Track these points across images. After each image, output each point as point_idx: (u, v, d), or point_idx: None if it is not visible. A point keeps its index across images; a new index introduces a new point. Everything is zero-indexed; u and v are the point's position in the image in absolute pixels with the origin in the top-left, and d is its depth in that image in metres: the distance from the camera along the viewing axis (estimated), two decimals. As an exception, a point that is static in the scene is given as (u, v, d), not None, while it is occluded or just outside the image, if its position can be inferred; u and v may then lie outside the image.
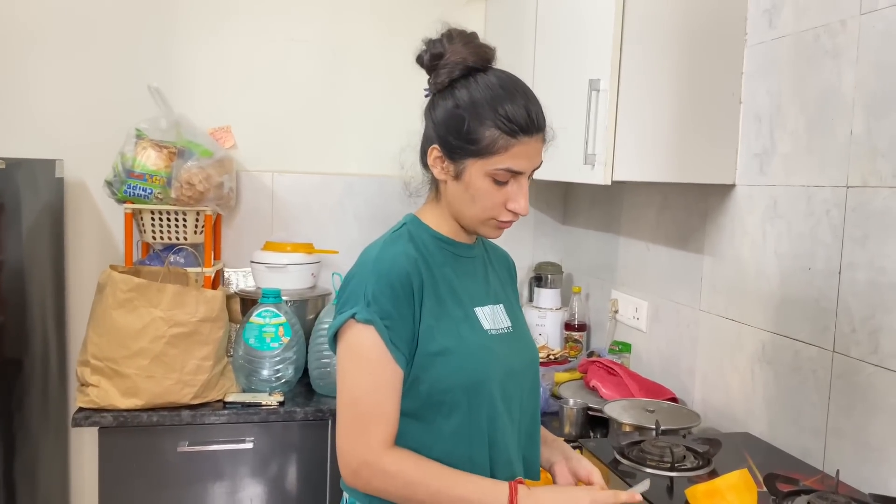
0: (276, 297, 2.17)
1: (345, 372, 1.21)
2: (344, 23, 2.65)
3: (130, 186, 2.26)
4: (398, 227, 1.31)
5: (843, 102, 1.53)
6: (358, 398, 1.19)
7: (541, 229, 2.89)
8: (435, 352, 1.20)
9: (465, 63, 1.23)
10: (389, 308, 1.18)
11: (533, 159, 1.23)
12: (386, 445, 1.18)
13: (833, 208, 1.55)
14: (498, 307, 1.35)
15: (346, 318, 1.20)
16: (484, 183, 1.21)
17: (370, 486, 1.19)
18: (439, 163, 1.25)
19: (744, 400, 1.82)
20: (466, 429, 1.22)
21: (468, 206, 1.24)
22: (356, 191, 2.70)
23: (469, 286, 1.31)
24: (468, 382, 1.21)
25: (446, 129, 1.22)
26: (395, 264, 1.21)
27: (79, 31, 2.46)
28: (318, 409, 2.06)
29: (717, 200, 1.93)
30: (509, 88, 1.22)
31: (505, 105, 1.19)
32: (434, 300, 1.23)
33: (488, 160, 1.19)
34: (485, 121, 1.18)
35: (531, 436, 1.35)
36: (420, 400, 1.21)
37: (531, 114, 1.20)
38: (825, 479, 1.46)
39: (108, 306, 1.95)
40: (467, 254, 1.33)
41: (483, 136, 1.19)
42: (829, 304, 1.56)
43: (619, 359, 2.26)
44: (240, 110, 2.60)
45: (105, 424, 1.94)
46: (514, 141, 1.19)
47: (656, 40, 1.77)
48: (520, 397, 1.31)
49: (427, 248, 1.27)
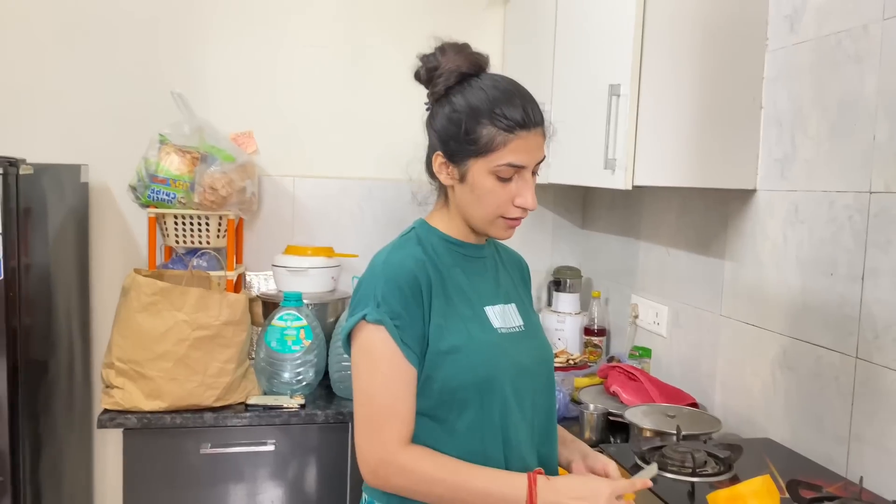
0: (298, 301, 2.19)
1: (358, 372, 1.24)
2: (362, 28, 2.68)
3: (154, 191, 2.29)
4: (407, 232, 1.35)
5: (865, 107, 1.52)
6: (372, 396, 1.21)
7: (559, 233, 2.89)
8: (445, 350, 1.22)
9: (460, 70, 1.26)
10: (399, 308, 1.20)
11: (533, 153, 1.24)
12: (403, 443, 1.20)
13: (855, 214, 1.54)
14: (509, 306, 1.36)
15: (357, 320, 1.23)
16: (488, 181, 1.23)
17: (390, 484, 1.20)
18: (444, 168, 1.28)
19: (765, 405, 1.82)
20: (479, 425, 1.24)
21: (476, 206, 1.26)
22: (375, 195, 2.72)
23: (479, 286, 1.33)
24: (479, 379, 1.23)
25: (447, 135, 1.25)
26: (402, 266, 1.24)
27: (103, 39, 2.50)
28: (338, 412, 2.07)
29: (737, 205, 1.92)
30: (503, 87, 1.25)
31: (499, 102, 1.22)
32: (443, 300, 1.25)
33: (489, 158, 1.22)
34: (481, 120, 1.22)
35: (547, 433, 1.36)
36: (433, 398, 1.23)
37: (526, 109, 1.23)
38: (848, 486, 1.45)
39: (133, 309, 1.98)
40: (477, 254, 1.35)
41: (481, 135, 1.22)
42: (851, 311, 1.55)
43: (640, 364, 2.25)
44: (261, 115, 2.63)
45: (129, 426, 1.97)
46: (511, 136, 1.21)
47: (677, 45, 1.77)
48: (532, 395, 1.32)
49: (435, 250, 1.30)
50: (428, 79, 1.30)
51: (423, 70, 1.31)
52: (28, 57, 2.46)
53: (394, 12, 2.69)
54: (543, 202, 2.87)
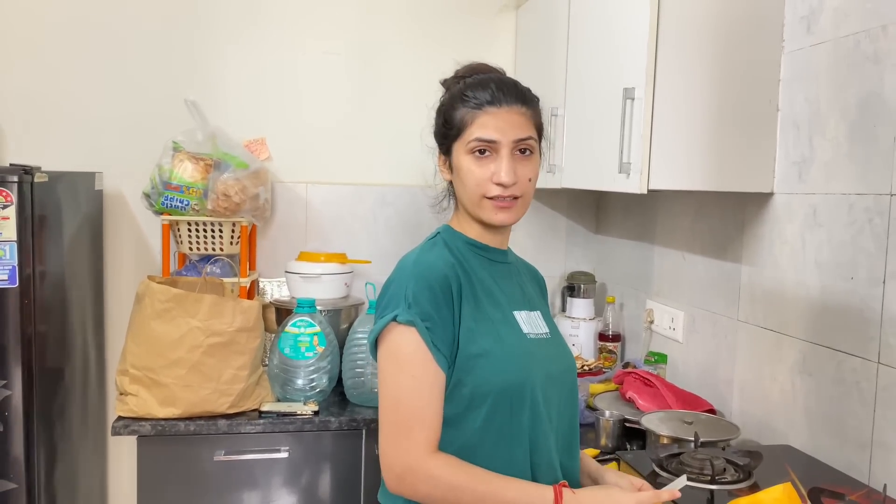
0: (311, 307, 2.19)
1: (387, 375, 1.22)
2: (375, 35, 2.68)
3: (168, 198, 2.30)
4: (433, 236, 1.35)
5: (885, 108, 1.50)
6: (400, 401, 1.19)
7: (573, 238, 2.88)
8: (476, 353, 1.21)
9: (457, 75, 1.34)
10: (430, 310, 1.19)
11: (505, 130, 1.25)
12: (431, 449, 1.18)
13: (876, 216, 1.52)
14: (535, 313, 1.35)
15: (387, 322, 1.20)
16: (466, 161, 1.26)
17: (416, 492, 1.18)
18: (444, 166, 1.34)
19: (784, 411, 1.79)
20: (508, 431, 1.22)
21: (464, 192, 1.29)
22: (388, 201, 2.72)
23: (507, 290, 1.32)
24: (510, 385, 1.22)
25: (436, 131, 1.33)
26: (433, 268, 1.23)
27: (117, 46, 2.51)
28: (352, 419, 2.06)
29: (754, 209, 1.90)
30: (479, 77, 1.31)
31: (471, 86, 1.28)
32: (472, 303, 1.24)
33: (463, 138, 1.27)
34: (456, 104, 1.28)
35: (569, 443, 1.34)
36: (463, 403, 1.21)
37: (496, 87, 1.26)
38: (871, 494, 1.43)
39: (147, 316, 1.98)
40: (502, 259, 1.36)
41: (455, 118, 1.28)
42: (873, 315, 1.53)
43: (656, 370, 2.23)
44: (274, 122, 2.63)
45: (143, 433, 1.97)
46: (479, 112, 1.25)
47: (691, 48, 1.75)
48: (558, 403, 1.31)
49: (462, 254, 1.30)
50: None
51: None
52: (42, 65, 2.48)
53: (406, 19, 2.69)
54: (557, 207, 2.85)
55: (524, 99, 1.28)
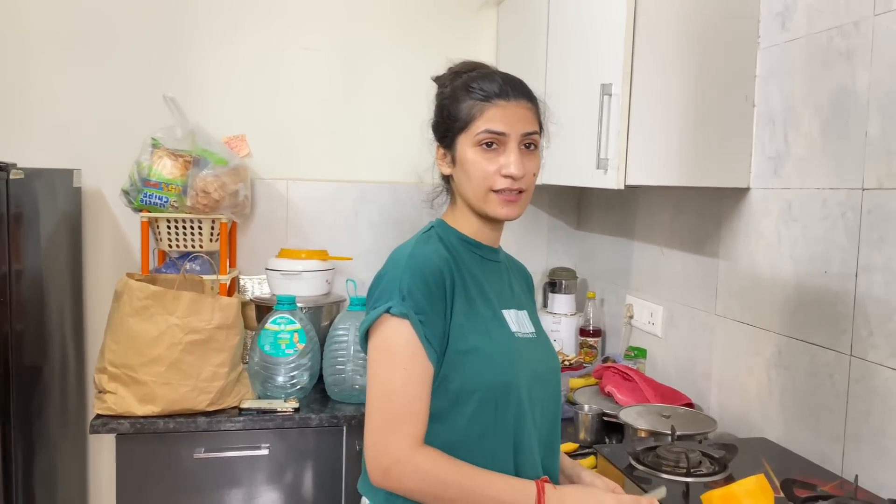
0: (291, 304, 2.18)
1: (377, 368, 1.21)
2: (356, 31, 2.67)
3: (146, 195, 2.28)
4: (427, 230, 1.35)
5: (857, 104, 1.52)
6: (391, 394, 1.18)
7: (555, 234, 2.89)
8: (465, 350, 1.21)
9: (452, 71, 1.34)
10: (424, 303, 1.19)
11: (514, 123, 1.26)
12: (418, 443, 1.18)
13: (849, 211, 1.54)
14: (522, 313, 1.36)
15: (380, 313, 1.20)
16: (472, 154, 1.26)
17: (402, 485, 1.17)
18: (443, 159, 1.33)
19: (760, 405, 1.81)
20: (492, 429, 1.22)
21: (468, 185, 1.28)
22: (369, 198, 2.72)
23: (497, 288, 1.33)
24: (497, 383, 1.22)
25: (437, 123, 1.32)
26: (428, 261, 1.23)
27: (95, 43, 2.49)
28: (332, 416, 2.06)
29: (731, 204, 1.92)
30: (483, 71, 1.31)
31: (477, 78, 1.28)
32: (464, 299, 1.24)
33: (470, 130, 1.26)
34: (460, 96, 1.28)
35: (550, 444, 1.35)
36: (448, 399, 1.21)
37: (504, 81, 1.28)
38: (844, 485, 1.45)
39: (125, 314, 1.97)
40: (493, 257, 1.36)
41: (461, 110, 1.27)
42: (845, 308, 1.54)
43: (635, 364, 2.25)
44: (254, 119, 2.62)
45: (122, 431, 1.96)
46: (488, 104, 1.25)
47: (668, 44, 1.76)
48: (542, 403, 1.32)
49: (456, 249, 1.30)
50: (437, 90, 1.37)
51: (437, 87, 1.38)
52: (20, 61, 2.46)
53: (387, 15, 2.69)
54: (538, 203, 2.86)
55: (530, 95, 1.30)
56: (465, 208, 1.32)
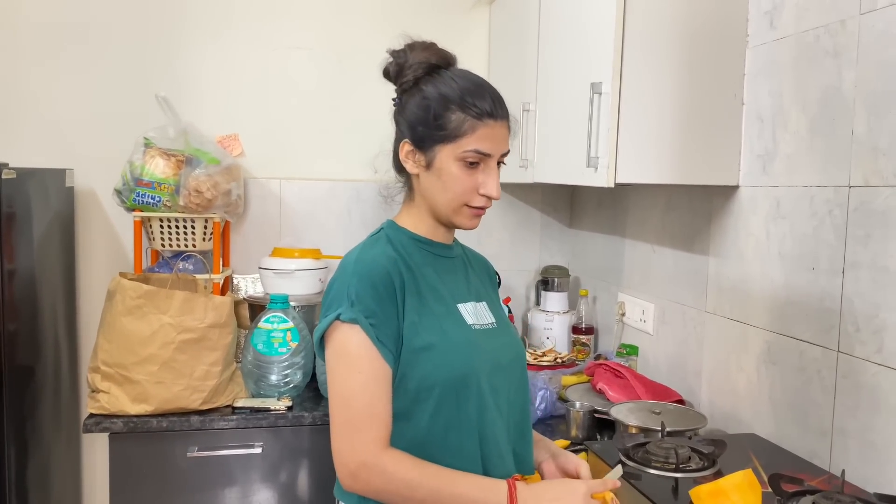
0: (284, 303, 2.19)
1: (334, 374, 1.23)
2: (348, 29, 2.68)
3: (139, 195, 2.29)
4: (376, 233, 1.36)
5: (844, 102, 1.53)
6: (350, 398, 1.20)
7: (547, 233, 2.90)
8: (419, 347, 1.23)
9: (429, 62, 1.30)
10: (373, 306, 1.20)
11: (499, 144, 1.27)
12: (383, 445, 1.19)
13: (836, 208, 1.55)
14: (480, 304, 1.37)
15: (331, 321, 1.22)
16: (454, 167, 1.25)
17: (370, 487, 1.19)
18: (411, 157, 1.30)
19: (750, 401, 1.82)
20: (456, 423, 1.24)
21: (441, 194, 1.28)
22: (363, 197, 2.72)
23: (450, 284, 1.34)
24: (455, 376, 1.23)
25: (415, 121, 1.28)
26: (375, 264, 1.24)
27: (88, 43, 2.50)
28: (325, 414, 2.04)
29: (720, 202, 1.93)
30: (472, 79, 1.30)
31: (469, 91, 1.26)
32: (416, 297, 1.25)
33: (457, 144, 1.24)
34: (451, 106, 1.25)
35: (521, 431, 1.37)
36: (409, 397, 1.23)
37: (494, 99, 1.27)
38: (831, 480, 1.46)
39: (118, 313, 1.97)
40: (446, 253, 1.37)
41: (450, 121, 1.24)
42: (833, 304, 1.56)
43: (627, 361, 2.26)
44: (247, 118, 2.63)
45: (116, 430, 1.96)
46: (479, 123, 1.24)
47: (657, 43, 1.77)
48: (507, 391, 1.33)
49: (406, 249, 1.31)
50: (397, 73, 1.34)
51: (393, 65, 1.34)
52: (12, 61, 2.46)
53: (379, 14, 2.69)
54: (531, 202, 2.87)
55: (508, 113, 1.30)
56: (424, 210, 1.32)
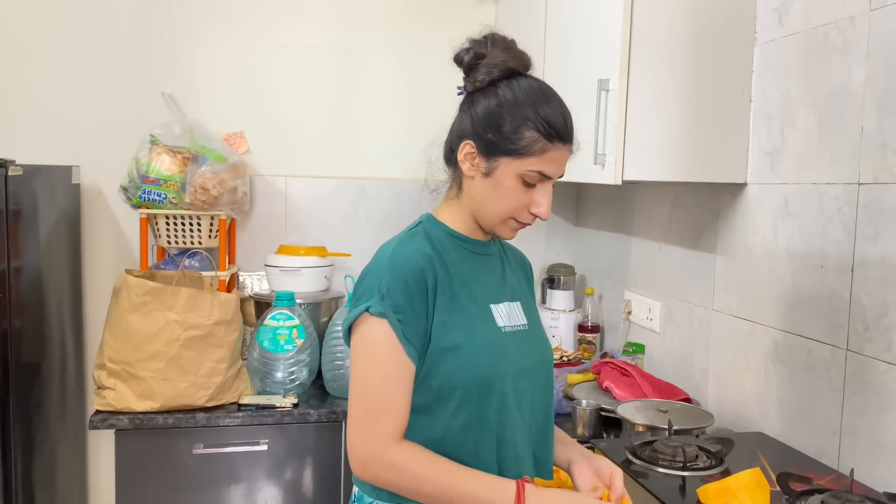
0: (290, 300, 2.19)
1: (357, 364, 1.23)
2: (354, 27, 2.67)
3: (145, 192, 2.29)
4: (414, 226, 1.34)
5: (853, 99, 1.52)
6: (368, 390, 1.20)
7: (553, 230, 2.89)
8: (446, 347, 1.22)
9: (507, 65, 1.26)
10: (403, 303, 1.20)
11: (562, 167, 1.26)
12: (395, 438, 1.19)
13: (845, 206, 1.54)
14: (515, 304, 1.36)
15: (360, 312, 1.22)
16: (513, 183, 1.24)
17: (378, 479, 1.20)
18: (470, 158, 1.26)
19: (757, 399, 1.81)
20: (475, 424, 1.23)
21: (492, 204, 1.26)
22: (368, 194, 2.72)
23: (486, 283, 1.32)
24: (478, 379, 1.22)
25: (486, 126, 1.24)
26: (409, 261, 1.23)
27: (94, 40, 2.50)
28: (331, 411, 2.07)
29: (728, 199, 1.92)
30: (549, 95, 1.26)
31: (546, 109, 1.22)
32: (448, 296, 1.24)
33: (523, 161, 1.22)
34: (526, 122, 1.21)
35: (543, 435, 1.35)
36: (431, 394, 1.23)
37: (567, 122, 1.25)
38: (840, 479, 1.45)
39: (124, 310, 1.97)
40: (484, 251, 1.35)
41: (523, 137, 1.21)
42: (841, 303, 1.55)
43: (633, 360, 2.25)
44: (253, 115, 2.62)
45: (121, 427, 1.96)
46: (550, 145, 1.22)
47: (665, 40, 1.76)
48: (532, 395, 1.32)
49: (443, 245, 1.29)
50: (471, 65, 1.28)
51: (470, 55, 1.28)
52: (18, 58, 2.46)
53: (385, 11, 2.69)
54: (537, 199, 2.86)
55: (574, 135, 1.28)
56: (467, 210, 1.31)
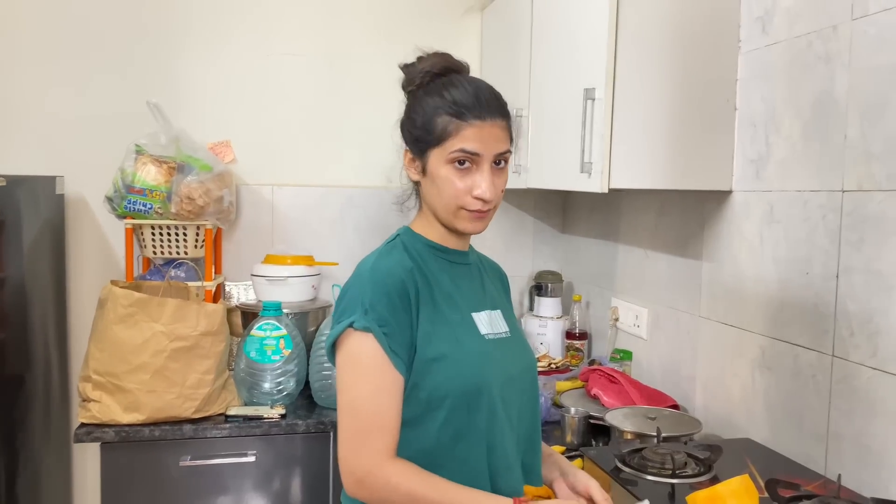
0: (277, 310, 2.18)
1: (344, 381, 1.22)
2: (340, 36, 2.67)
3: (130, 202, 2.27)
4: (392, 239, 1.34)
5: (836, 107, 1.54)
6: (359, 407, 1.19)
7: (540, 238, 2.90)
8: (432, 357, 1.21)
9: (431, 71, 1.29)
10: (387, 315, 1.19)
11: (488, 143, 1.24)
12: (389, 454, 1.18)
13: (829, 213, 1.55)
14: (495, 313, 1.36)
15: (344, 328, 1.21)
16: (445, 170, 1.25)
17: (373, 496, 1.18)
18: (411, 164, 1.31)
19: (745, 406, 1.82)
20: (465, 433, 1.22)
21: (438, 199, 1.27)
22: (355, 203, 2.71)
23: (466, 291, 1.32)
24: (467, 387, 1.22)
25: (410, 128, 1.30)
26: (391, 273, 1.23)
27: (79, 49, 2.48)
28: (319, 422, 2.06)
29: (714, 207, 1.93)
30: (462, 81, 1.28)
31: (453, 92, 1.25)
32: (431, 306, 1.24)
33: (444, 146, 1.24)
34: (437, 109, 1.25)
35: (531, 442, 1.36)
36: (420, 406, 1.22)
37: (480, 98, 1.25)
38: (827, 484, 1.46)
39: (109, 321, 1.96)
40: (462, 260, 1.36)
41: (436, 124, 1.24)
42: (827, 309, 1.56)
43: (621, 367, 2.26)
44: (239, 125, 2.62)
45: (107, 440, 1.94)
46: (463, 123, 1.23)
47: (650, 49, 1.78)
48: (518, 403, 1.32)
49: (422, 256, 1.30)
50: (404, 84, 1.34)
51: (404, 79, 1.34)
52: (2, 67, 2.44)
53: (371, 20, 2.69)
54: (524, 207, 2.87)
55: (504, 112, 1.28)
56: (432, 217, 1.32)
